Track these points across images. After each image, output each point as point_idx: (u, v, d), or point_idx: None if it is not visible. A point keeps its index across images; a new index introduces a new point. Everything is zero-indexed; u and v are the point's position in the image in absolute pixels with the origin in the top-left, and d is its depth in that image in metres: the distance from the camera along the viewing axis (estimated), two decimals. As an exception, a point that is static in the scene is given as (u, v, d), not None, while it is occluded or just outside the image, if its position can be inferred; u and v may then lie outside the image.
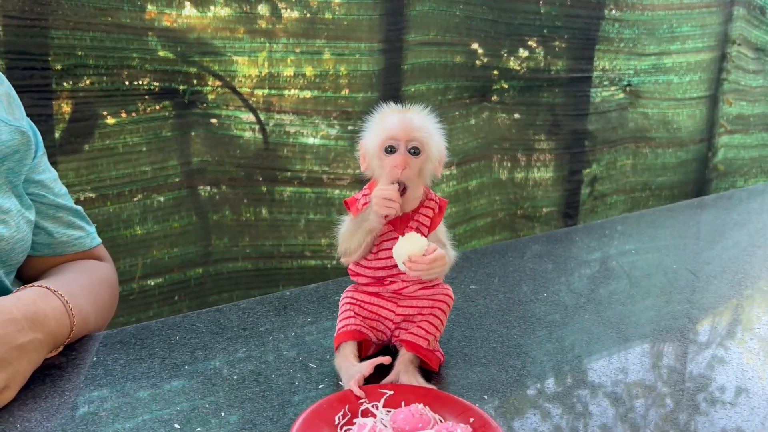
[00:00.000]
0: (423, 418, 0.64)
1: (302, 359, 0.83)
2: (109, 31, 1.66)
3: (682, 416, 0.70)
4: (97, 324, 0.89)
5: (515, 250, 1.28)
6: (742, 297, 1.10)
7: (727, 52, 3.09)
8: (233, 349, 0.84)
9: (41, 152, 0.91)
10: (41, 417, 0.69)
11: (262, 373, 0.79)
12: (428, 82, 2.25)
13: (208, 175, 1.93)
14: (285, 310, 0.97)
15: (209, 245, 1.98)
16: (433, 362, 0.80)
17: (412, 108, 0.78)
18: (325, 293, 1.03)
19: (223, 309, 0.96)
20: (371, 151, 0.78)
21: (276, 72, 1.94)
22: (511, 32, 2.43)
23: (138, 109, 1.79)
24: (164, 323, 0.91)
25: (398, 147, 0.75)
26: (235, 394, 0.75)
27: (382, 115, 0.78)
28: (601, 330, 0.94)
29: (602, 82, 2.74)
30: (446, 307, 0.82)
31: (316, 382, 0.78)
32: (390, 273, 0.80)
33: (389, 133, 0.75)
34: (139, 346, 0.84)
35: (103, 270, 0.96)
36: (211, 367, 0.80)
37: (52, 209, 0.91)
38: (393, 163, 0.75)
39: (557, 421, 0.72)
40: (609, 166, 2.89)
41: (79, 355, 0.82)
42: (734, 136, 3.31)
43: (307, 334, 0.90)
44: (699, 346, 0.91)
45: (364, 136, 0.79)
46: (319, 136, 2.07)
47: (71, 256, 0.94)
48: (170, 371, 0.79)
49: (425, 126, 0.77)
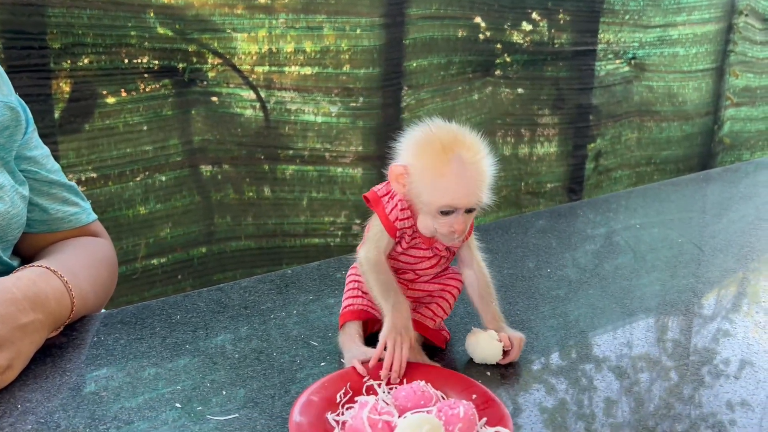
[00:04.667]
0: (425, 395, 0.63)
1: (304, 337, 0.82)
2: (107, 8, 1.64)
3: (686, 389, 0.69)
4: (96, 303, 0.89)
5: (519, 225, 1.27)
6: (748, 270, 1.09)
7: (734, 23, 3.04)
8: (235, 328, 0.84)
9: (32, 128, 0.90)
10: (42, 397, 0.68)
11: (264, 351, 0.79)
12: (430, 56, 2.22)
13: (210, 153, 1.92)
14: (287, 288, 0.96)
15: (212, 224, 1.98)
16: (439, 341, 0.80)
17: (460, 142, 0.69)
18: (327, 271, 1.03)
19: (224, 288, 0.96)
20: (424, 203, 0.71)
21: (276, 48, 1.92)
22: (515, 5, 2.39)
23: (138, 88, 1.77)
24: (165, 302, 0.90)
25: (456, 211, 0.70)
26: (236, 372, 0.74)
27: (433, 152, 0.69)
28: (605, 304, 0.94)
29: (607, 55, 2.70)
30: (456, 292, 0.82)
31: (318, 360, 0.77)
32: (406, 269, 0.79)
33: (448, 202, 0.69)
34: (140, 326, 0.84)
35: (102, 247, 0.96)
36: (213, 346, 0.80)
37: (46, 185, 0.90)
38: (450, 227, 0.71)
39: (562, 396, 0.71)
40: (614, 140, 2.86)
41: (80, 335, 0.81)
42: (740, 109, 3.27)
43: (309, 311, 0.89)
44: (704, 320, 0.90)
45: (404, 158, 0.72)
46: (321, 113, 2.05)
47: (67, 232, 0.93)
48: (171, 350, 0.78)
49: (482, 182, 0.70)
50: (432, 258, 0.78)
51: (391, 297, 0.72)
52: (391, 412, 0.60)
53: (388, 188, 0.76)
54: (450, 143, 0.69)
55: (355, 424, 0.59)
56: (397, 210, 0.74)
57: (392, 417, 0.60)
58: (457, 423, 0.59)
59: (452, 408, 0.60)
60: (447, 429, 0.59)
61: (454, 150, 0.69)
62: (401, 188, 0.72)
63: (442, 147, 0.69)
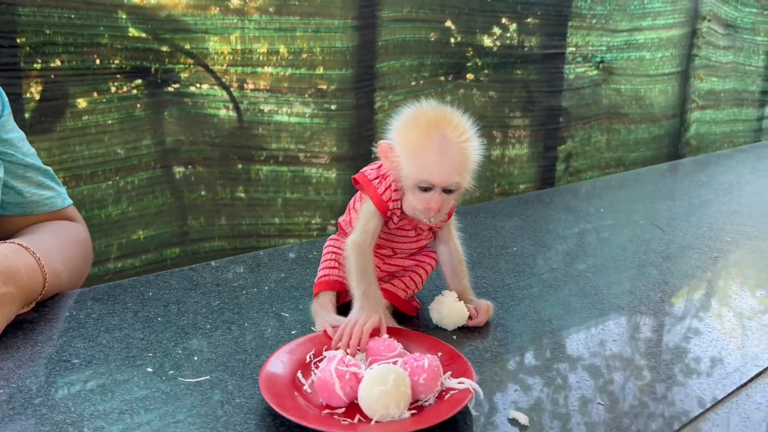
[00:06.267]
0: (389, 346, 0.65)
1: (275, 309, 0.83)
2: (78, 8, 1.65)
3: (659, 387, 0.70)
4: (69, 282, 0.89)
5: (487, 211, 1.29)
6: (713, 260, 1.13)
7: (697, 28, 3.13)
8: (206, 303, 0.85)
9: (7, 111, 0.90)
10: (14, 365, 0.69)
11: (236, 322, 0.80)
12: (402, 58, 2.25)
13: (183, 154, 1.92)
14: (259, 267, 0.97)
15: (185, 225, 1.98)
16: (409, 310, 0.82)
17: (447, 122, 0.70)
18: (299, 252, 1.04)
19: (196, 268, 0.96)
20: (404, 177, 0.72)
21: (249, 49, 1.93)
22: (485, 8, 2.44)
23: (109, 89, 1.77)
24: (137, 281, 0.91)
25: (434, 188, 0.71)
26: (208, 340, 0.75)
27: (419, 128, 0.70)
28: (578, 301, 0.96)
29: (576, 58, 2.76)
30: (429, 269, 0.84)
31: (289, 329, 0.78)
32: (384, 245, 0.81)
33: (426, 177, 0.70)
34: (112, 302, 0.84)
35: (76, 230, 0.96)
36: (185, 319, 0.80)
37: (21, 168, 0.90)
38: (427, 203, 0.71)
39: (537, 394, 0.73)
40: (583, 142, 2.91)
41: (52, 310, 0.82)
42: (706, 112, 3.36)
43: (281, 288, 0.90)
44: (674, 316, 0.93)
45: (392, 136, 0.73)
46: (294, 114, 2.06)
47: (42, 216, 0.94)
48: (143, 323, 0.79)
49: (463, 164, 0.70)
50: (414, 238, 0.80)
51: (364, 285, 0.72)
52: (359, 365, 0.62)
53: (379, 172, 0.77)
54: (436, 121, 0.70)
55: (324, 376, 0.61)
56: (390, 191, 0.75)
57: (359, 369, 0.61)
58: (422, 373, 0.61)
59: (417, 360, 0.62)
60: (412, 379, 0.60)
61: (439, 127, 0.70)
62: (389, 164, 0.73)
63: (428, 124, 0.70)
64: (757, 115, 3.71)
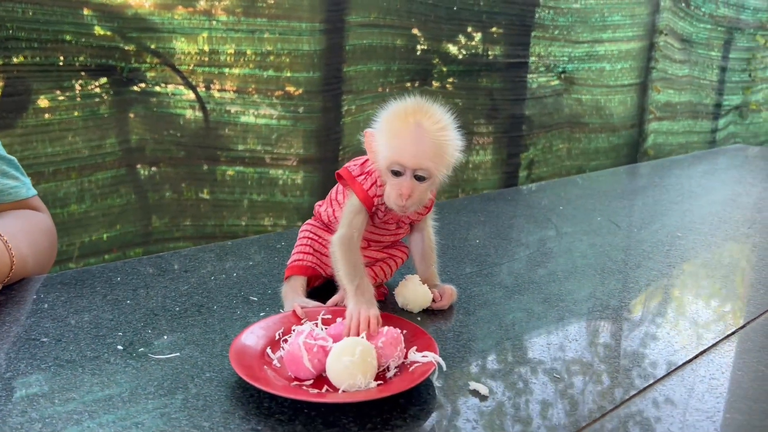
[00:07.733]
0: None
1: (244, 294, 0.85)
2: (43, 3, 1.64)
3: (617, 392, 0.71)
4: (35, 268, 0.89)
5: (451, 207, 1.32)
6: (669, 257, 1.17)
7: (655, 41, 3.23)
8: (175, 287, 0.86)
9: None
10: (-20, 344, 0.69)
11: (205, 305, 0.81)
12: (370, 63, 2.28)
13: (147, 153, 1.91)
14: (227, 256, 0.98)
15: (149, 225, 1.97)
16: (377, 295, 0.84)
17: (425, 112, 0.72)
18: (267, 242, 1.05)
19: (164, 256, 0.97)
20: (379, 161, 0.73)
21: (216, 50, 1.94)
22: (451, 17, 2.48)
23: (74, 86, 1.76)
24: (106, 267, 0.91)
25: (404, 173, 0.72)
26: (177, 322, 0.76)
27: (398, 115, 0.72)
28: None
29: (538, 68, 2.82)
30: (400, 262, 0.87)
31: (257, 311, 0.80)
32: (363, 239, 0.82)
33: (397, 158, 0.71)
34: (80, 286, 0.85)
35: (42, 219, 0.96)
36: (154, 302, 0.81)
37: (-15, 157, 0.90)
38: (398, 190, 0.72)
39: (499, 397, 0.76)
40: (545, 150, 2.98)
41: (19, 294, 0.82)
42: (663, 123, 3.46)
43: (249, 275, 0.91)
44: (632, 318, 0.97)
45: (375, 124, 0.74)
46: (261, 115, 2.07)
47: (7, 205, 0.93)
48: (112, 305, 0.80)
49: (436, 151, 0.71)
50: (393, 231, 0.83)
51: (357, 279, 0.73)
52: (326, 338, 0.63)
53: (363, 168, 0.79)
54: (414, 110, 0.72)
55: (292, 349, 0.62)
56: (376, 186, 0.77)
57: (327, 342, 0.63)
58: (379, 337, 0.63)
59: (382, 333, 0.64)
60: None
61: (416, 116, 0.72)
62: (370, 152, 0.75)
63: (406, 113, 0.72)
64: (710, 127, 3.84)
